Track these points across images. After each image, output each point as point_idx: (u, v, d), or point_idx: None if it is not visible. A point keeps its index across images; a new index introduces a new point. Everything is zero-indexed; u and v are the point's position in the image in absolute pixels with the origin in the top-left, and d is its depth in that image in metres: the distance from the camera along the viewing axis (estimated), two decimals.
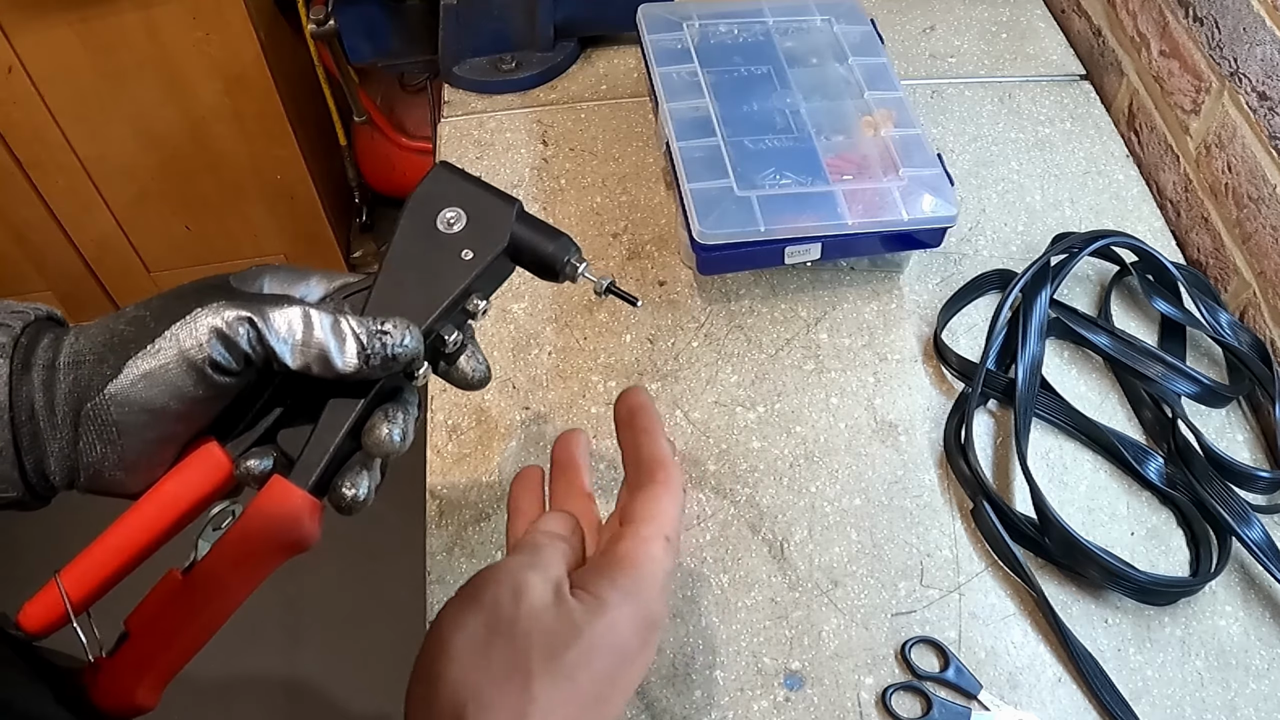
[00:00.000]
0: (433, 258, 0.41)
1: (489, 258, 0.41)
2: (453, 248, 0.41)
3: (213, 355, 0.36)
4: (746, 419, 0.69)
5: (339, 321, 0.37)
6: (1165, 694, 0.58)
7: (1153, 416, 0.69)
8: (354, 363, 0.37)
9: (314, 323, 0.37)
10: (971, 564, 0.63)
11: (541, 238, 0.42)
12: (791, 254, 0.71)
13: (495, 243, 0.41)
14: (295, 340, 0.37)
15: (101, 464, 0.37)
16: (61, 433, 0.36)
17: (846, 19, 0.84)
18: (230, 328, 0.36)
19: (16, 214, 1.60)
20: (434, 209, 0.41)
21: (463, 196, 0.42)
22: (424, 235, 0.41)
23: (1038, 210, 0.81)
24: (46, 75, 1.42)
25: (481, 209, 0.41)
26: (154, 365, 0.36)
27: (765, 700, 0.57)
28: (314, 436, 0.39)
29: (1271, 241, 0.70)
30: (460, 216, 0.41)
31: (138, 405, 0.36)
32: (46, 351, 0.37)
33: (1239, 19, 0.72)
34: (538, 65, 0.92)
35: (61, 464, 0.37)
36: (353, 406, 0.39)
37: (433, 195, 0.42)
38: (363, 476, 0.40)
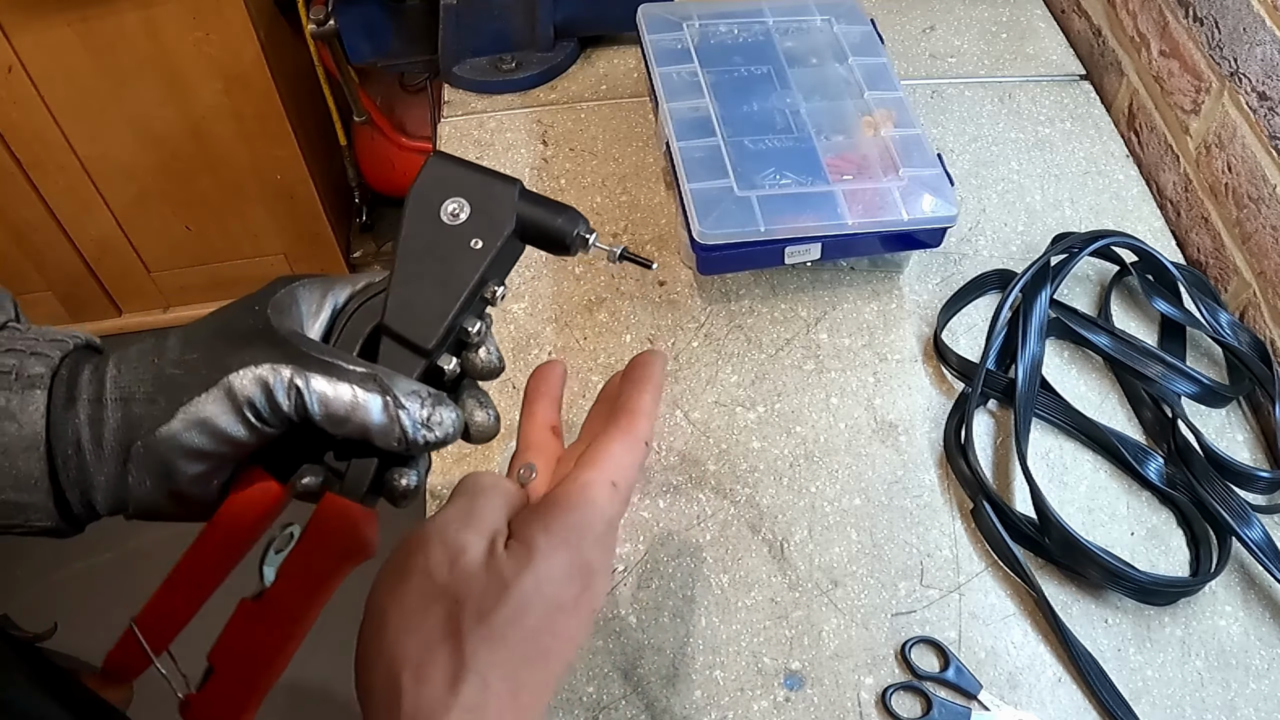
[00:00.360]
0: (442, 251, 0.40)
1: (498, 243, 0.41)
2: (460, 238, 0.40)
3: (260, 411, 0.37)
4: (746, 419, 0.69)
5: (387, 405, 0.37)
6: (1165, 694, 0.58)
7: (1153, 416, 0.69)
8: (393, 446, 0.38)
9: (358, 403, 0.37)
10: (971, 564, 0.63)
11: (548, 213, 0.42)
12: (791, 254, 0.71)
13: (502, 227, 0.41)
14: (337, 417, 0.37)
15: (153, 497, 0.38)
16: (109, 466, 0.37)
17: (846, 19, 0.84)
18: (279, 389, 0.37)
19: (16, 214, 1.60)
20: (436, 201, 0.41)
21: (463, 185, 0.41)
22: (430, 230, 0.41)
23: (1038, 210, 0.81)
24: (46, 75, 1.42)
25: (483, 194, 0.41)
26: (205, 415, 0.36)
27: (765, 700, 0.57)
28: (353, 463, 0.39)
29: (1271, 241, 0.70)
30: (463, 206, 0.41)
31: (187, 447, 0.37)
32: (90, 385, 0.38)
33: (1239, 19, 0.72)
34: (538, 65, 0.92)
35: (108, 495, 0.38)
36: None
37: (432, 188, 0.41)
38: (410, 466, 0.40)
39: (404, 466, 0.40)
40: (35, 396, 0.36)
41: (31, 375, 0.37)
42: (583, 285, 0.76)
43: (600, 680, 0.58)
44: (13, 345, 0.38)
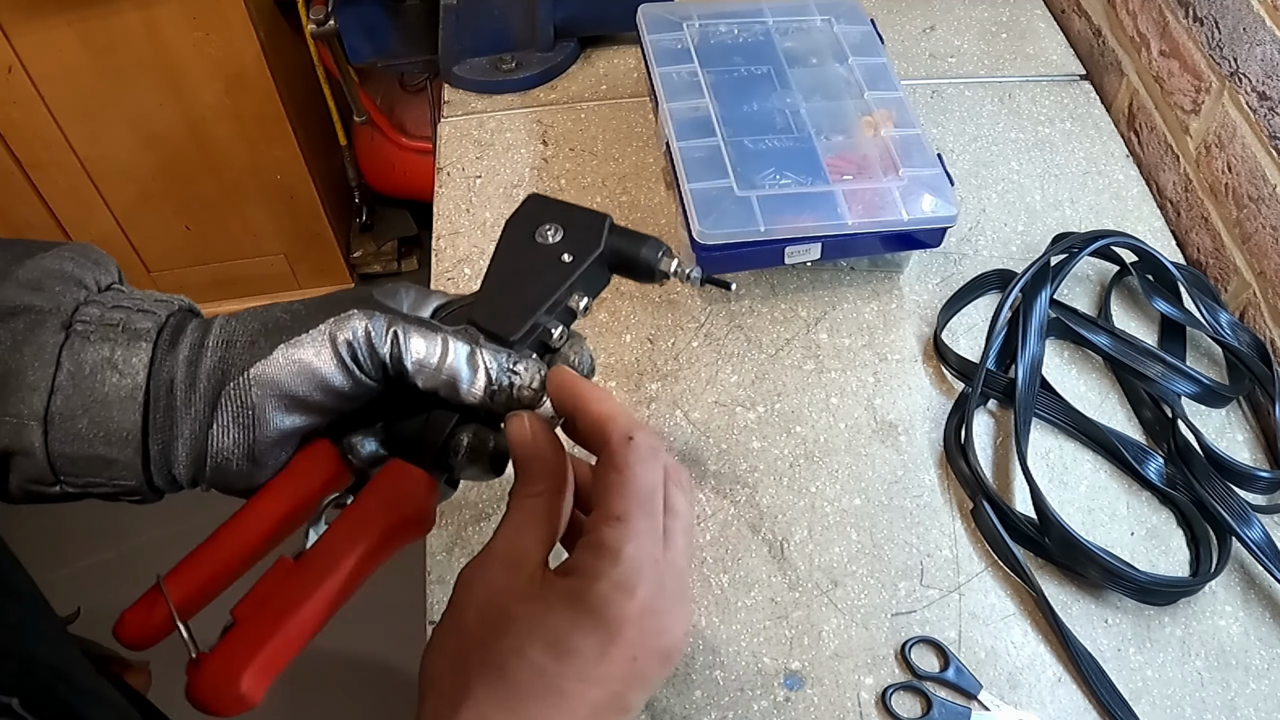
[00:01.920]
0: (535, 263, 0.44)
1: (588, 260, 0.44)
2: (553, 253, 0.44)
3: (359, 356, 0.37)
4: (746, 419, 0.69)
5: (475, 353, 0.39)
6: (1165, 694, 0.58)
7: (1153, 416, 0.69)
8: (479, 395, 0.39)
9: (449, 350, 0.38)
10: (971, 564, 0.63)
11: (633, 243, 0.45)
12: (791, 254, 0.71)
13: (594, 247, 0.44)
14: (430, 365, 0.38)
15: (233, 451, 0.37)
16: (198, 410, 0.36)
17: (846, 19, 0.84)
18: (377, 333, 0.38)
19: (16, 214, 1.60)
20: (532, 225, 0.45)
21: (558, 214, 0.45)
22: (524, 247, 0.44)
23: (1038, 210, 0.81)
24: (46, 75, 1.42)
25: (577, 222, 0.45)
26: (304, 353, 0.37)
27: (765, 700, 0.57)
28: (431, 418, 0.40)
29: (1271, 241, 0.70)
30: (558, 230, 0.44)
31: (280, 388, 0.37)
32: (195, 332, 0.38)
33: (1239, 19, 0.72)
34: (538, 65, 0.92)
35: (190, 449, 0.37)
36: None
37: (530, 215, 0.45)
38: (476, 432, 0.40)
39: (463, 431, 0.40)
40: (140, 349, 0.36)
41: (138, 329, 0.37)
42: None
43: None
44: (119, 303, 0.38)
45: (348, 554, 0.36)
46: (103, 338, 0.36)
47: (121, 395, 0.36)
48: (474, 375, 0.39)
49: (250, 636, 0.34)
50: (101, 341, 0.36)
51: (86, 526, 1.58)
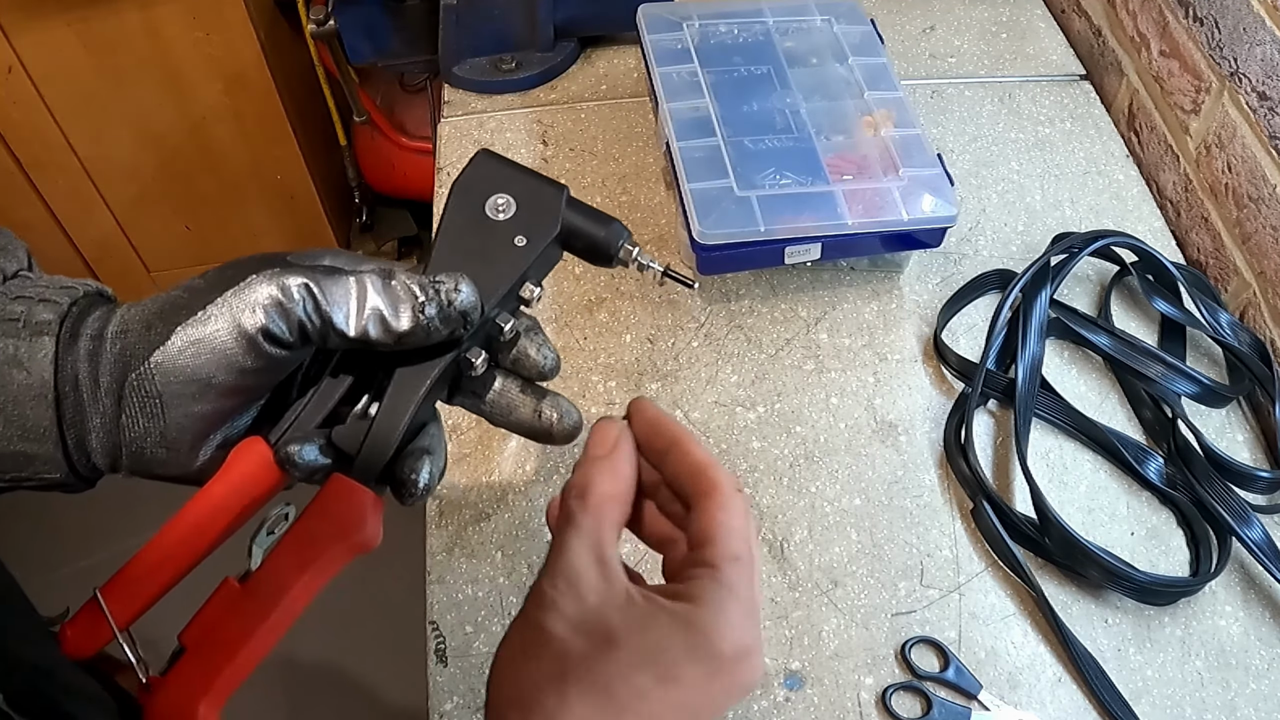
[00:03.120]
0: (485, 244, 0.40)
1: (542, 244, 0.40)
2: (504, 234, 0.40)
3: (267, 324, 0.34)
4: (746, 419, 0.69)
5: (390, 281, 0.36)
6: (1165, 694, 0.58)
7: (1153, 416, 0.69)
8: (409, 316, 0.36)
9: (367, 286, 0.36)
10: (971, 564, 0.63)
11: (593, 223, 0.42)
12: (791, 254, 0.71)
13: (548, 228, 0.41)
14: (351, 305, 0.35)
15: (144, 440, 0.35)
16: (104, 406, 0.35)
17: (846, 19, 0.84)
18: (286, 294, 0.35)
19: (16, 214, 1.60)
20: (482, 195, 0.40)
21: (510, 182, 0.41)
22: (473, 221, 0.40)
23: (1038, 210, 0.81)
24: (46, 75, 1.42)
25: (530, 195, 0.41)
26: (204, 332, 0.34)
27: (765, 700, 0.57)
28: (375, 428, 0.37)
29: (1271, 241, 0.70)
30: (510, 203, 0.40)
31: (184, 375, 0.34)
32: (96, 322, 0.36)
33: (1239, 19, 0.72)
34: (538, 65, 0.91)
35: (104, 440, 0.36)
36: (418, 386, 0.37)
37: (479, 181, 0.41)
38: (424, 461, 0.38)
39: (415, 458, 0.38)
40: (43, 343, 0.35)
41: (40, 322, 0.35)
42: (583, 285, 0.76)
43: None
44: (23, 293, 0.36)
45: (293, 581, 0.35)
46: (5, 333, 0.35)
47: (31, 393, 0.35)
48: (397, 302, 0.36)
49: (203, 667, 0.34)
50: (4, 337, 0.35)
51: (86, 527, 1.58)
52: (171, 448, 0.36)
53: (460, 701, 0.57)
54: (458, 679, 0.58)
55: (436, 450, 0.39)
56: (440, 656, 0.59)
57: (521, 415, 0.42)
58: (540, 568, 0.36)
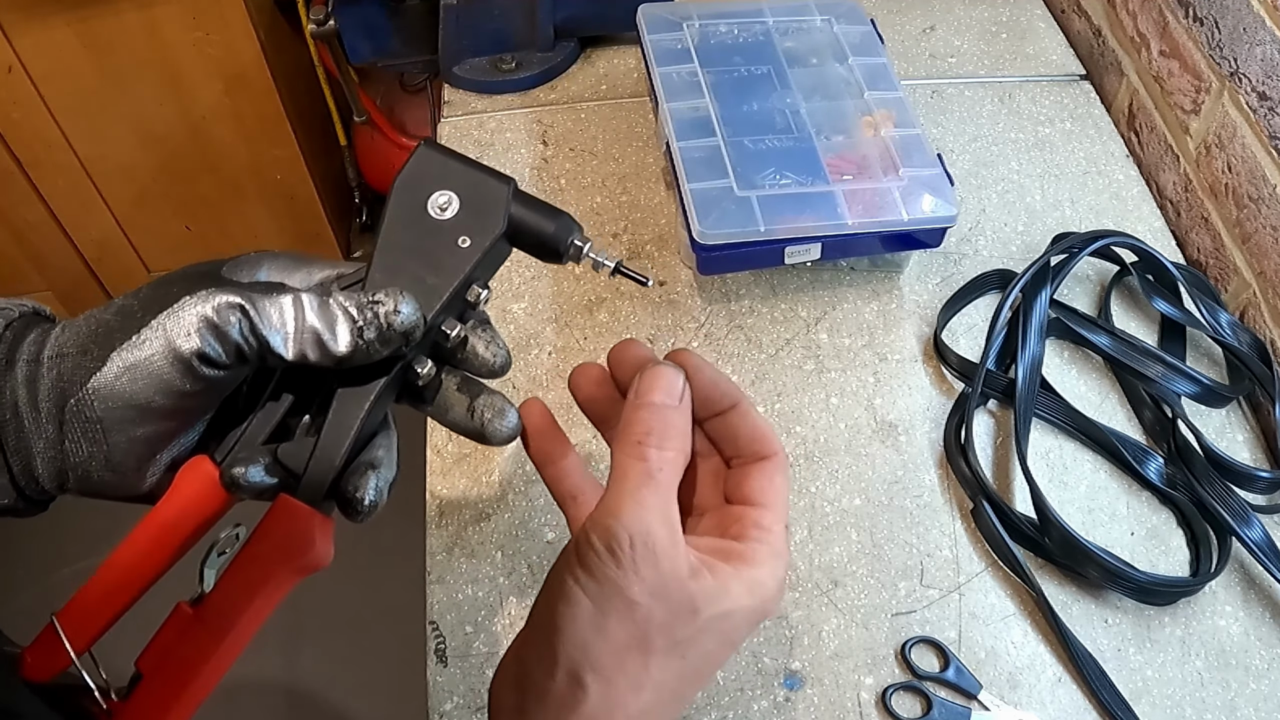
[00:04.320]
0: (427, 246, 0.38)
1: (487, 244, 0.38)
2: (447, 235, 0.38)
3: (201, 347, 0.33)
4: None
5: (327, 301, 0.35)
6: (1165, 694, 0.58)
7: (1153, 416, 0.69)
8: (348, 340, 0.35)
9: (304, 306, 0.35)
10: (971, 564, 0.63)
11: (541, 218, 0.39)
12: (791, 254, 0.71)
13: (492, 227, 0.38)
14: (287, 327, 0.34)
15: (89, 465, 0.35)
16: (46, 431, 0.34)
17: (846, 19, 0.84)
18: (220, 316, 0.34)
19: (16, 214, 1.60)
20: (424, 193, 0.38)
21: (453, 178, 0.39)
22: (415, 222, 0.38)
23: (1038, 210, 0.81)
24: (46, 75, 1.42)
25: (475, 190, 0.38)
26: (139, 357, 0.33)
27: (765, 700, 0.57)
28: (319, 447, 0.36)
29: (1271, 241, 0.70)
30: (452, 200, 0.38)
31: (122, 400, 0.34)
32: (32, 346, 0.35)
33: (1239, 19, 0.72)
34: (538, 65, 0.92)
35: (49, 465, 0.35)
36: (360, 405, 0.36)
37: (421, 178, 0.39)
38: (369, 477, 0.37)
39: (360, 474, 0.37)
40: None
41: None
42: (583, 285, 0.76)
43: None
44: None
45: (245, 604, 0.35)
46: None
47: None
48: (334, 323, 0.35)
49: (160, 693, 0.34)
50: None
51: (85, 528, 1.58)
52: (117, 470, 0.35)
53: (460, 701, 0.57)
54: (458, 679, 0.58)
55: (384, 463, 0.38)
56: (440, 656, 0.59)
57: (456, 414, 0.40)
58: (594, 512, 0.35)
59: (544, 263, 0.42)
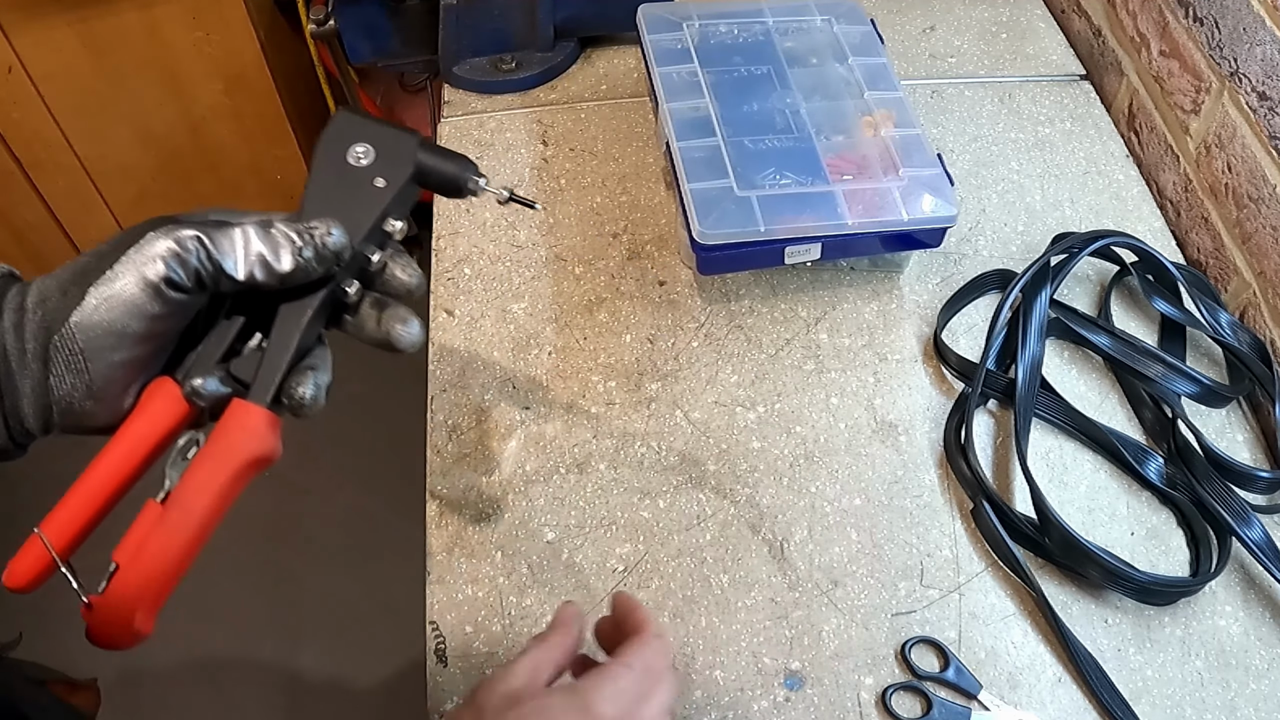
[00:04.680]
0: (349, 188, 0.45)
1: (400, 183, 0.45)
2: (366, 177, 0.45)
3: (167, 273, 0.39)
4: (746, 419, 0.69)
5: (270, 230, 0.41)
6: (1165, 694, 0.58)
7: (1153, 416, 0.69)
8: (290, 260, 0.41)
9: (250, 234, 0.41)
10: (971, 564, 0.63)
11: (444, 161, 0.47)
12: (791, 254, 0.71)
13: (404, 169, 0.46)
14: (238, 252, 0.40)
15: (72, 395, 0.39)
16: (33, 370, 0.38)
17: (846, 19, 0.84)
18: (182, 245, 0.39)
19: (16, 214, 1.60)
20: (343, 147, 0.45)
21: (368, 133, 0.46)
22: (338, 170, 0.45)
23: (1038, 210, 0.81)
24: (46, 75, 1.42)
25: (387, 142, 0.46)
26: (114, 288, 0.38)
27: (765, 700, 0.57)
28: (266, 356, 0.42)
29: (1271, 241, 0.70)
30: (369, 151, 0.45)
31: (101, 329, 0.38)
32: (15, 298, 0.39)
33: (1239, 19, 0.72)
34: (538, 65, 0.92)
35: (35, 404, 0.39)
36: (300, 318, 0.42)
37: (341, 135, 0.46)
38: (308, 377, 0.42)
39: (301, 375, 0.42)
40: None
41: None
42: (583, 285, 0.76)
43: None
44: None
45: (204, 496, 0.40)
46: None
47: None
48: (277, 247, 0.41)
49: (135, 580, 0.38)
50: None
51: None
52: (98, 398, 0.40)
53: (460, 701, 0.57)
54: (458, 679, 0.58)
55: (321, 367, 0.44)
56: (440, 656, 0.59)
57: (368, 328, 0.45)
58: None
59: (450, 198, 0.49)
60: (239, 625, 1.48)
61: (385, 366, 1.87)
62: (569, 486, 0.66)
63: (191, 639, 1.46)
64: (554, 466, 0.67)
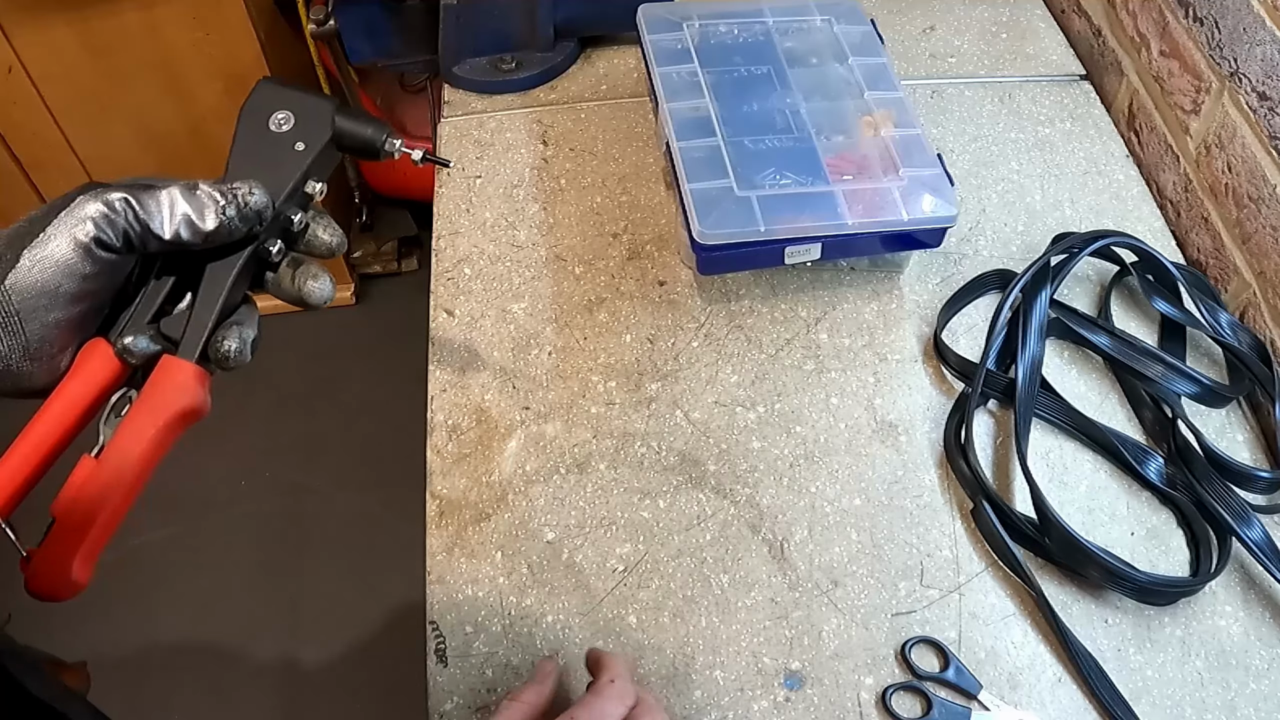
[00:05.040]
0: (270, 153, 0.47)
1: (319, 146, 0.47)
2: (286, 143, 0.47)
3: (97, 234, 0.40)
4: (746, 419, 0.69)
5: (195, 192, 0.43)
6: (1165, 694, 0.58)
7: (1153, 416, 0.69)
8: (213, 219, 0.42)
9: (176, 195, 0.42)
10: (971, 564, 0.63)
11: (360, 125, 0.48)
12: (791, 254, 0.71)
13: (322, 133, 0.47)
14: (164, 212, 0.41)
15: (9, 357, 0.40)
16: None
17: (846, 19, 0.84)
18: (110, 207, 0.40)
19: (16, 214, 1.58)
20: (265, 114, 0.47)
21: (289, 101, 0.48)
22: (260, 136, 0.47)
23: (1038, 210, 0.81)
24: (46, 75, 1.42)
25: (306, 108, 0.48)
26: (47, 250, 0.40)
27: (765, 700, 0.57)
28: (193, 314, 0.44)
29: (1271, 241, 0.70)
30: (290, 117, 0.47)
31: (35, 290, 0.39)
32: None
33: (1239, 19, 0.72)
34: (538, 65, 0.92)
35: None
36: (225, 276, 0.44)
37: (263, 103, 0.48)
38: (234, 331, 0.44)
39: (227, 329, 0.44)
40: None
41: None
42: (583, 285, 0.76)
43: None
44: None
45: (137, 449, 0.41)
46: None
47: None
48: (202, 207, 0.42)
49: (71, 532, 0.40)
50: None
51: None
52: (35, 359, 0.41)
53: (460, 702, 0.57)
54: (458, 679, 0.58)
55: (246, 323, 0.45)
56: (440, 656, 0.59)
57: (284, 286, 0.47)
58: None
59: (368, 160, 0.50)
60: (239, 624, 1.48)
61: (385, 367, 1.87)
62: (569, 486, 0.66)
63: (192, 638, 1.46)
64: (554, 466, 0.67)
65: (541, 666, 0.54)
